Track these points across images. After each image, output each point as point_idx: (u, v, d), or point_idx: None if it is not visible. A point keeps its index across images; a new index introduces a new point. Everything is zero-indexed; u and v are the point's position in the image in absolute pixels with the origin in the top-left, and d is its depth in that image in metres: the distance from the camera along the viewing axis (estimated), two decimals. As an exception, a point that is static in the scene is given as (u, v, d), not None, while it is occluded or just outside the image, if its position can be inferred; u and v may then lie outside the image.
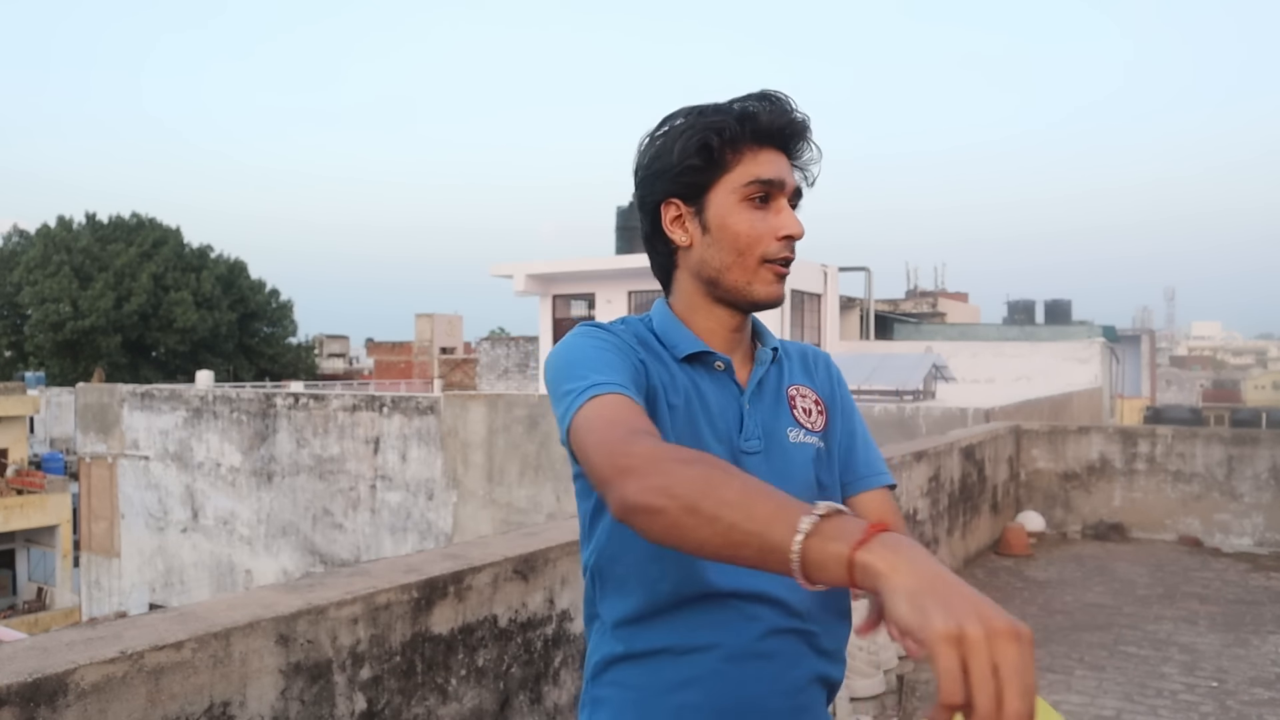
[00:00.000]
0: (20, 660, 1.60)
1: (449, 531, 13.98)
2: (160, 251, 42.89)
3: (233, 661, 1.87)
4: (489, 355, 25.61)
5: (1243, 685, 4.73)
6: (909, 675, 4.64)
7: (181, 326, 41.66)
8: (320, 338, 62.55)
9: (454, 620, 2.41)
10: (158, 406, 17.71)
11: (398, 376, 41.56)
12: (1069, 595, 6.51)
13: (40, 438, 37.26)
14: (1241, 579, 7.11)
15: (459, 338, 44.20)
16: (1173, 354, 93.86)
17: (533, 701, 2.70)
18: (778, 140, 1.25)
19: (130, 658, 1.68)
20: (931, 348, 18.60)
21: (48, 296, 40.11)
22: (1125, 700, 4.48)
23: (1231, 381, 79.76)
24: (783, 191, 1.24)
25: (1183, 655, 5.20)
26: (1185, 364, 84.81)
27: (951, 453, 6.95)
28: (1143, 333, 33.30)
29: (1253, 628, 5.77)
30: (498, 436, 13.52)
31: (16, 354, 43.40)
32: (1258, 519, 8.26)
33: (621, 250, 19.75)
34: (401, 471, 14.51)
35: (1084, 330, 21.29)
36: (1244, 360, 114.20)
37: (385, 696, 2.21)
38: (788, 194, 1.25)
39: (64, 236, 42.88)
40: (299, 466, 15.68)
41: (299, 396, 16.11)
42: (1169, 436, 8.69)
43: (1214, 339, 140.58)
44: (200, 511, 17.06)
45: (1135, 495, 8.68)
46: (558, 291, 20.38)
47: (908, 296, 30.54)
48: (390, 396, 15.05)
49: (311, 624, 2.04)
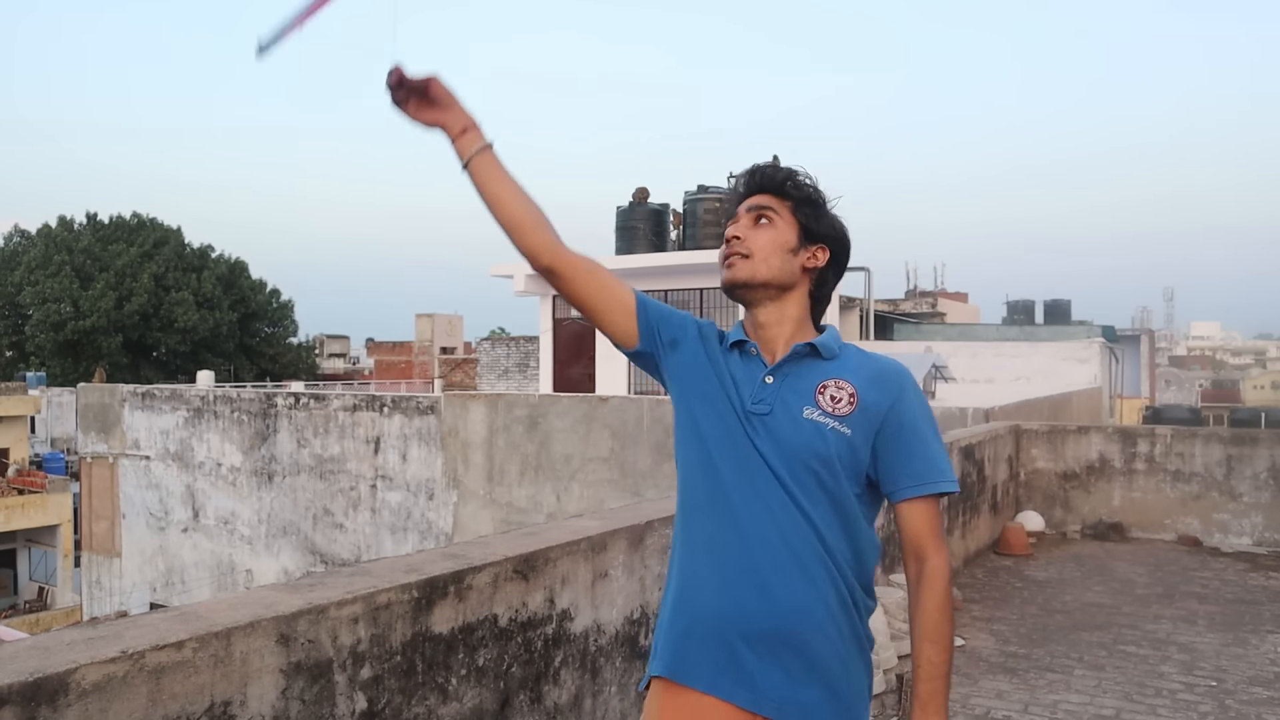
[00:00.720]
0: (21, 660, 1.61)
1: (449, 531, 13.99)
2: (161, 251, 42.88)
3: (233, 661, 1.87)
4: (489, 355, 25.61)
5: (1242, 685, 4.74)
6: (909, 675, 4.64)
7: (182, 326, 41.65)
8: (321, 338, 62.55)
9: (454, 620, 2.42)
10: (158, 406, 17.72)
11: (398, 376, 41.57)
12: (1068, 595, 6.51)
13: (41, 438, 37.26)
14: (1240, 579, 7.11)
15: (459, 338, 44.19)
16: (1172, 354, 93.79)
17: (533, 701, 2.70)
18: (749, 186, 1.78)
19: (131, 657, 1.69)
20: (931, 348, 18.59)
21: (49, 296, 40.11)
22: (1124, 700, 4.49)
23: (1230, 381, 79.73)
24: (738, 213, 1.76)
25: (1182, 655, 5.20)
26: (1184, 364, 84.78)
27: (951, 453, 6.95)
28: (1142, 333, 33.27)
29: (1251, 627, 5.78)
30: (498, 436, 13.52)
31: (17, 354, 43.38)
32: (1257, 519, 8.26)
33: (621, 250, 19.71)
34: (402, 471, 14.52)
35: (1083, 330, 21.28)
36: (1243, 360, 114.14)
37: (386, 696, 2.22)
38: (741, 214, 1.75)
39: (65, 237, 42.88)
40: (299, 466, 15.69)
41: (299, 396, 16.11)
42: (1168, 436, 8.70)
43: (1213, 339, 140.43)
44: (201, 511, 17.06)
45: (1134, 495, 8.69)
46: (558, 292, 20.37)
47: (907, 296, 30.52)
48: (391, 396, 15.05)
49: (312, 623, 2.04)
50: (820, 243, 1.72)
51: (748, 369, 1.68)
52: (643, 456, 12.11)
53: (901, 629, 4.76)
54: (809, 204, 1.72)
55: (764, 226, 1.70)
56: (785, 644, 1.55)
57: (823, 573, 1.57)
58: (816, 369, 1.65)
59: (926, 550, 1.60)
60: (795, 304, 1.71)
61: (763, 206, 1.71)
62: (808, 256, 1.71)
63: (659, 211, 19.98)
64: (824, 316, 1.80)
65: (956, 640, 5.37)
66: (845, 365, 1.66)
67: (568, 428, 12.81)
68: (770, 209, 1.71)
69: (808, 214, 1.71)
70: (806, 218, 1.71)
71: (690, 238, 19.35)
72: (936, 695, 1.55)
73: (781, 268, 1.69)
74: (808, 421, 1.59)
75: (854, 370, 1.65)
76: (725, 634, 1.58)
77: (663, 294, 19.19)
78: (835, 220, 1.75)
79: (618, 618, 3.10)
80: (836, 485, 1.59)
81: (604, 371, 19.56)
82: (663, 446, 11.86)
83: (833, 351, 1.68)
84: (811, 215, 1.72)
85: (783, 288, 1.70)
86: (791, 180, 1.73)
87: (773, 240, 1.69)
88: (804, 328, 1.72)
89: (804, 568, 1.57)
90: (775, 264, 1.68)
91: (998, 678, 4.79)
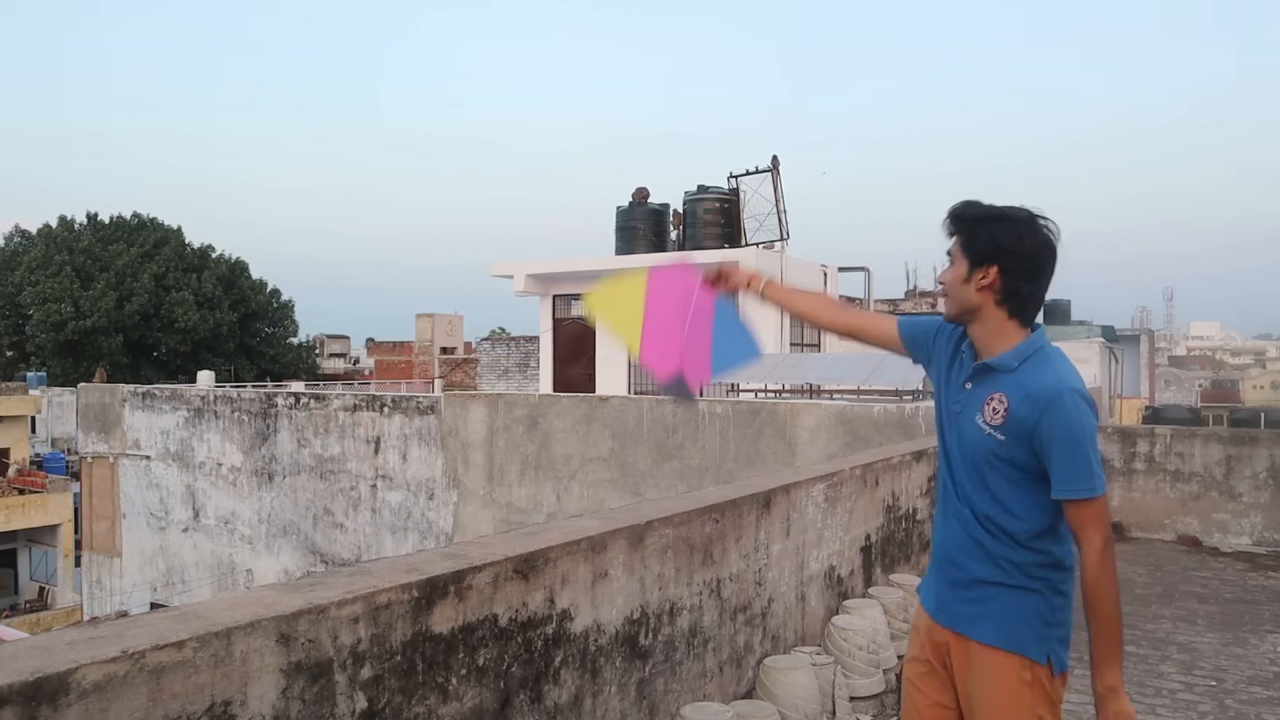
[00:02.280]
0: (22, 659, 1.61)
1: (449, 531, 13.99)
2: (161, 251, 42.88)
3: (234, 661, 1.87)
4: (489, 355, 25.60)
5: (1241, 684, 4.74)
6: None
7: (183, 326, 41.65)
8: (321, 338, 62.53)
9: (454, 620, 2.42)
10: (159, 406, 17.72)
11: (398, 376, 41.54)
12: (1068, 595, 6.51)
13: (42, 437, 37.24)
14: (1240, 578, 7.11)
15: (459, 338, 44.14)
16: (1171, 354, 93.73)
17: (533, 701, 2.70)
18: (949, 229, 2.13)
19: (131, 657, 1.69)
20: (931, 347, 18.56)
21: (49, 296, 40.09)
22: (1124, 699, 4.49)
23: (1230, 381, 79.68)
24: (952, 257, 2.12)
25: (1181, 654, 5.21)
26: (1184, 364, 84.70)
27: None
28: (1142, 333, 33.24)
29: (1251, 627, 5.78)
30: (498, 436, 13.53)
31: (18, 354, 43.39)
32: (1256, 519, 8.26)
33: (621, 250, 19.70)
34: (402, 471, 14.52)
35: (1083, 330, 21.27)
36: (1242, 360, 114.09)
37: (386, 696, 2.22)
38: (953, 257, 2.11)
39: (65, 237, 42.87)
40: (300, 466, 15.69)
41: (300, 396, 16.12)
42: (1168, 436, 8.70)
43: (1213, 339, 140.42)
44: (201, 511, 17.07)
45: (1134, 495, 8.69)
46: (558, 291, 20.37)
47: (907, 297, 30.49)
48: (391, 396, 15.05)
49: (312, 623, 2.05)
50: (986, 264, 2.04)
51: (960, 370, 2.17)
52: (643, 456, 12.10)
53: (901, 629, 4.76)
54: (969, 234, 2.06)
55: (950, 266, 2.11)
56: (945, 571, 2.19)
57: (973, 529, 2.10)
58: (992, 382, 2.08)
59: (1079, 538, 2.00)
60: (986, 320, 2.08)
61: (949, 251, 2.12)
62: (980, 279, 2.05)
63: (659, 212, 19.98)
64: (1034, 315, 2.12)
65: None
66: (1013, 381, 2.05)
67: (568, 428, 12.81)
68: (950, 252, 2.11)
69: (969, 244, 2.06)
70: (969, 248, 2.05)
71: (690, 238, 19.35)
72: (1104, 657, 1.94)
73: (963, 299, 2.08)
74: (972, 424, 2.09)
75: (1017, 386, 2.03)
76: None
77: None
78: (997, 235, 2.03)
79: (618, 618, 3.10)
80: (992, 473, 2.07)
81: (604, 371, 19.56)
82: (662, 446, 11.86)
83: (1009, 366, 2.05)
84: (971, 244, 2.06)
85: (970, 311, 2.09)
86: (953, 218, 2.10)
87: (953, 278, 2.09)
88: (1001, 336, 2.08)
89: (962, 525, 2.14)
90: (957, 297, 2.10)
91: (997, 677, 4.79)
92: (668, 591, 3.40)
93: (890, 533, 5.66)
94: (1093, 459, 1.96)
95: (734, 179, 19.78)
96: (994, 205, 2.07)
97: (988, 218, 2.04)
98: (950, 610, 2.15)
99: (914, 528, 6.05)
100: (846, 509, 5.03)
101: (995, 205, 2.07)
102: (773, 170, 19.46)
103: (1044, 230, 2.03)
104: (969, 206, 2.09)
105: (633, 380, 19.24)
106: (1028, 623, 2.04)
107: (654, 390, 18.89)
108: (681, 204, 19.86)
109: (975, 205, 2.08)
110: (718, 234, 18.98)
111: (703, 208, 19.20)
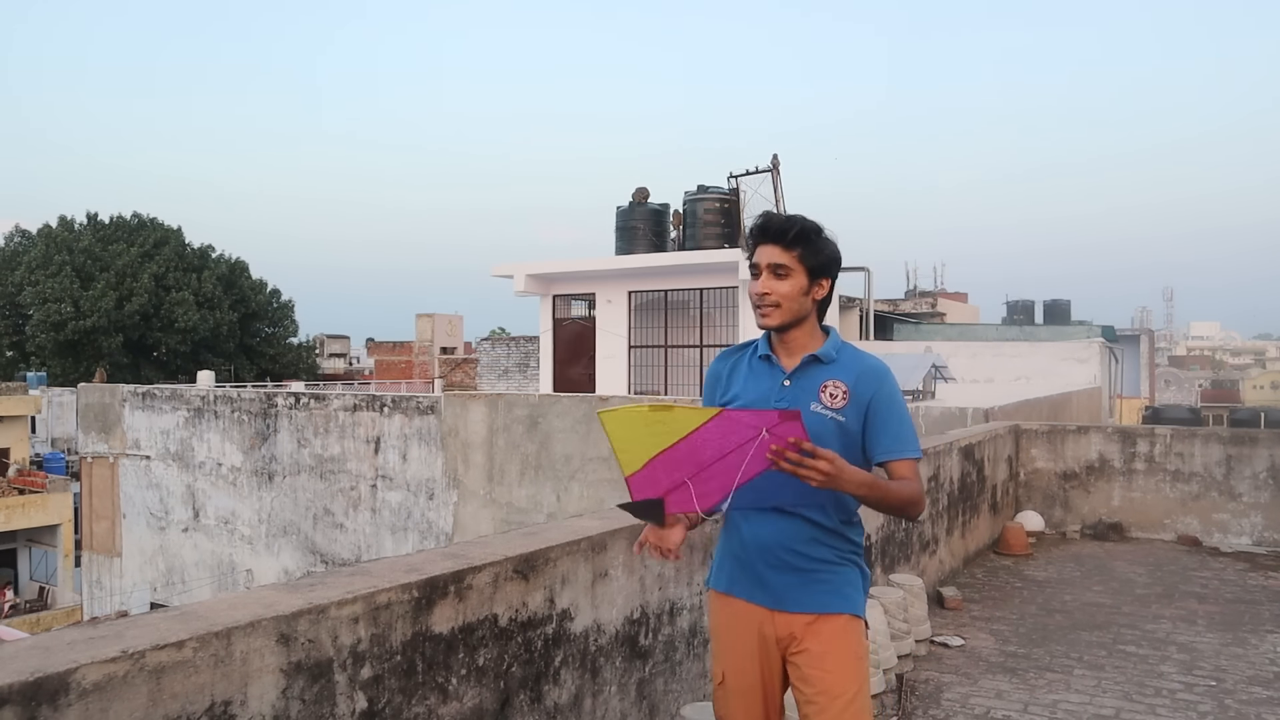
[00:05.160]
0: (22, 659, 1.61)
1: (449, 531, 13.99)
2: (161, 251, 42.88)
3: (234, 661, 1.88)
4: (489, 355, 25.59)
5: (1241, 684, 4.74)
6: (909, 675, 4.65)
7: (183, 326, 41.65)
8: (321, 338, 62.52)
9: (454, 620, 2.42)
10: (159, 406, 17.72)
11: (398, 376, 41.56)
12: (1068, 595, 6.52)
13: (42, 437, 37.25)
14: (1240, 578, 7.11)
15: (459, 338, 44.16)
16: (1171, 354, 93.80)
17: (533, 701, 2.70)
18: (763, 238, 2.23)
19: (132, 657, 1.69)
20: (931, 348, 18.58)
21: (49, 296, 40.09)
22: (1124, 699, 4.49)
23: (1230, 381, 79.68)
24: (760, 269, 2.22)
25: (1181, 654, 5.21)
26: (1184, 364, 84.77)
27: (951, 452, 6.96)
28: (1142, 333, 33.28)
29: (1251, 627, 5.78)
30: (498, 436, 13.53)
31: (18, 354, 43.37)
32: (1256, 518, 8.26)
33: (621, 250, 19.71)
34: (402, 471, 14.52)
35: (1083, 330, 21.27)
36: (1242, 360, 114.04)
37: (386, 695, 2.22)
38: (763, 268, 2.21)
39: (65, 237, 42.87)
40: (300, 466, 15.69)
41: (300, 396, 16.12)
42: (1168, 436, 8.69)
43: (1213, 339, 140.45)
44: (201, 511, 17.06)
45: (1134, 495, 8.69)
46: (558, 291, 20.38)
47: (907, 296, 30.50)
48: (391, 396, 15.05)
49: (312, 623, 2.05)
50: (822, 276, 2.22)
51: (772, 375, 2.26)
52: (643, 456, 12.07)
53: (901, 629, 4.76)
54: (810, 250, 2.19)
55: (782, 279, 2.20)
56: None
57: (813, 515, 2.20)
58: (819, 372, 2.22)
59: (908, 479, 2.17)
60: (805, 324, 2.25)
61: (778, 265, 2.19)
62: (816, 290, 2.23)
63: (659, 212, 19.99)
64: (825, 317, 2.32)
65: (955, 640, 5.38)
66: (840, 368, 2.22)
67: (568, 428, 12.81)
68: (785, 266, 2.19)
69: (810, 259, 2.19)
70: (810, 262, 2.19)
71: (690, 238, 19.35)
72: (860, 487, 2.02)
73: (799, 309, 2.22)
74: (813, 414, 2.15)
75: (847, 371, 2.21)
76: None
77: (662, 294, 19.21)
78: (829, 249, 2.23)
79: (618, 617, 3.10)
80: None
81: (604, 371, 19.57)
82: (663, 446, 11.81)
83: (831, 357, 2.23)
84: (812, 258, 2.19)
85: (801, 319, 2.24)
86: (795, 233, 2.18)
87: (791, 290, 2.20)
88: (814, 336, 2.27)
89: (795, 516, 2.21)
90: (795, 308, 2.21)
91: (997, 677, 4.80)
92: (668, 591, 3.40)
93: (890, 533, 5.67)
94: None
95: (734, 179, 19.80)
96: (805, 219, 2.21)
97: (815, 233, 2.21)
98: (796, 599, 2.21)
99: (914, 527, 6.06)
100: (846, 509, 5.02)
101: (806, 219, 2.21)
102: (773, 170, 19.48)
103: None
104: (792, 222, 2.20)
105: (633, 380, 19.25)
106: (857, 589, 2.27)
107: (655, 390, 18.90)
108: (681, 204, 19.87)
109: (798, 220, 2.20)
110: (717, 234, 18.99)
111: (703, 208, 19.20)
